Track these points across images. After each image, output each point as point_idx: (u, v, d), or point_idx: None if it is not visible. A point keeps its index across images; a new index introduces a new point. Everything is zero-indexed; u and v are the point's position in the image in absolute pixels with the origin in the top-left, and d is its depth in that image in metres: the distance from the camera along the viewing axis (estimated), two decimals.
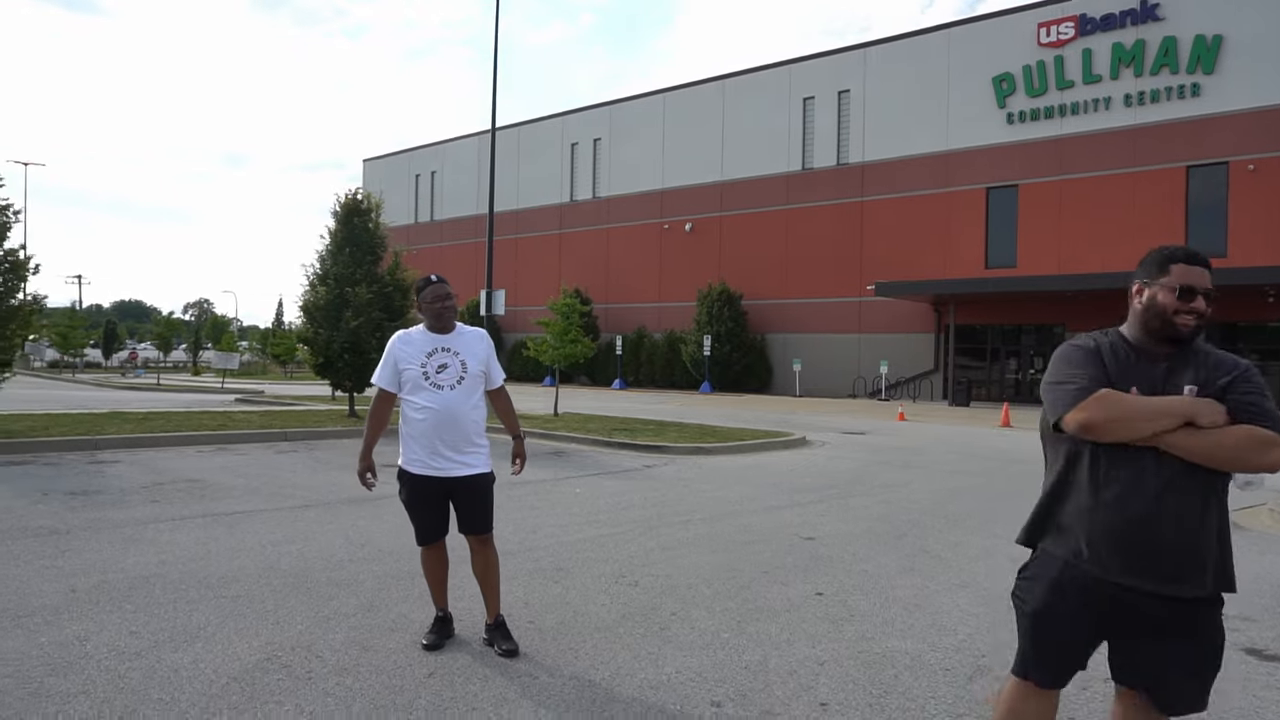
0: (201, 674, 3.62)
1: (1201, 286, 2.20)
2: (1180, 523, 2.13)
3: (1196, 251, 2.26)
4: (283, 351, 43.46)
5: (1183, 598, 2.17)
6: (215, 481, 8.83)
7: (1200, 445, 2.10)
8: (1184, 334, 2.19)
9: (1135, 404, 2.15)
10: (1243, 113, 24.23)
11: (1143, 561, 2.17)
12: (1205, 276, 2.22)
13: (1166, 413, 2.12)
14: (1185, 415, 2.11)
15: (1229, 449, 2.09)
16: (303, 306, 15.94)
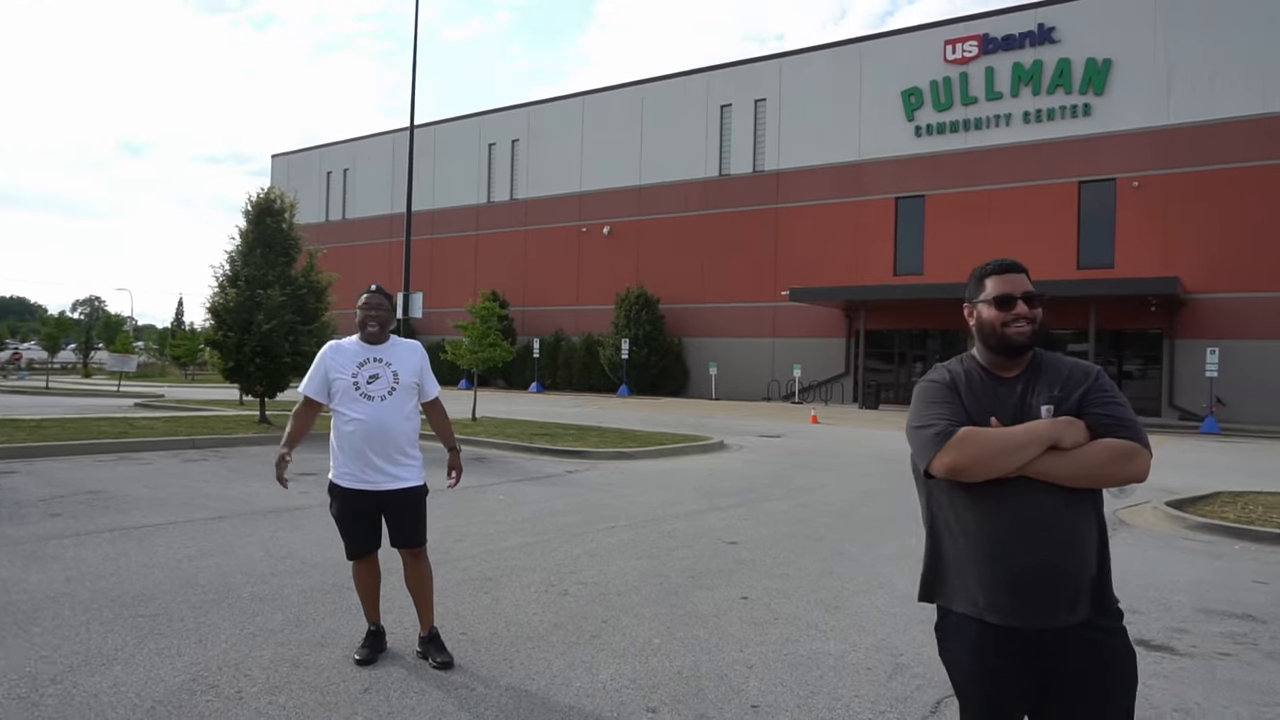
0: (124, 698, 3.52)
1: (1019, 291, 2.17)
2: (1073, 546, 2.06)
3: (1010, 261, 2.26)
4: (184, 353, 41.72)
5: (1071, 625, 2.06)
6: (120, 493, 8.47)
7: (1066, 468, 2.04)
8: (1019, 342, 2.15)
9: (999, 439, 2.07)
10: (1129, 133, 25.77)
11: (1031, 596, 2.06)
12: (1020, 281, 2.20)
13: (1031, 441, 2.05)
14: (1048, 440, 2.05)
15: (1094, 466, 2.03)
16: (211, 308, 15.38)
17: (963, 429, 2.11)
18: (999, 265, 2.25)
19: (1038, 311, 2.18)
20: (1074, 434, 2.05)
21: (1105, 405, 2.09)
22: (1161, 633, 4.85)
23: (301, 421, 4.18)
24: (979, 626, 2.12)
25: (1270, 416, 23.20)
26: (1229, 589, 5.92)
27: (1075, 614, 2.07)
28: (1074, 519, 2.08)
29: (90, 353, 60.59)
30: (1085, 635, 2.07)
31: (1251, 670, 4.28)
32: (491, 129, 40.69)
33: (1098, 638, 2.08)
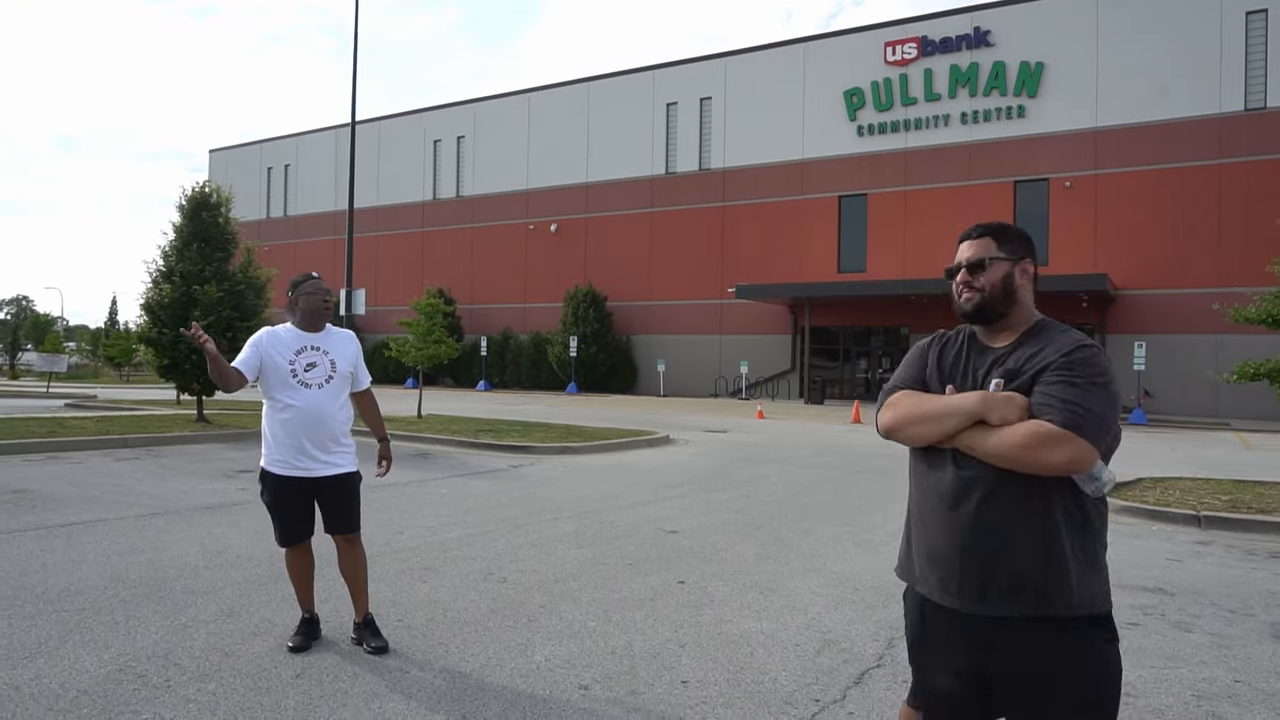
0: (46, 690, 3.46)
1: (962, 260, 2.12)
2: (996, 534, 1.94)
3: (972, 228, 2.18)
4: (118, 353, 40.45)
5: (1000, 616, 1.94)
6: (47, 491, 8.24)
7: (990, 445, 1.91)
8: (963, 310, 2.10)
9: (920, 405, 2.03)
10: (1060, 134, 26.62)
11: (953, 577, 1.99)
12: (963, 249, 2.14)
13: (953, 412, 1.97)
14: (972, 413, 1.94)
15: (1014, 447, 1.88)
16: (145, 305, 15.00)
17: (900, 391, 2.11)
18: (961, 235, 2.18)
19: (982, 279, 2.07)
20: (1005, 410, 1.91)
21: (1055, 384, 1.90)
22: None
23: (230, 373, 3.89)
24: (918, 597, 2.11)
25: (1195, 407, 24.18)
26: (1143, 566, 6.20)
27: (1011, 606, 1.93)
28: (1006, 502, 1.93)
29: (18, 354, 58.41)
30: (1032, 634, 1.92)
31: (1157, 638, 4.51)
32: (437, 125, 40.30)
33: (1049, 639, 1.91)
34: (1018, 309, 2.09)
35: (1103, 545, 1.98)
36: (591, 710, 3.41)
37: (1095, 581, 1.93)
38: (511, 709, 3.40)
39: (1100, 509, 1.98)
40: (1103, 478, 1.89)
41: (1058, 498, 1.91)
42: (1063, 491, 1.91)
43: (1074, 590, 1.89)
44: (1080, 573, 1.90)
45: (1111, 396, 1.91)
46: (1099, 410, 1.87)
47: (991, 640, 1.96)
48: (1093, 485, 1.89)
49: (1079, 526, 1.92)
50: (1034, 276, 2.13)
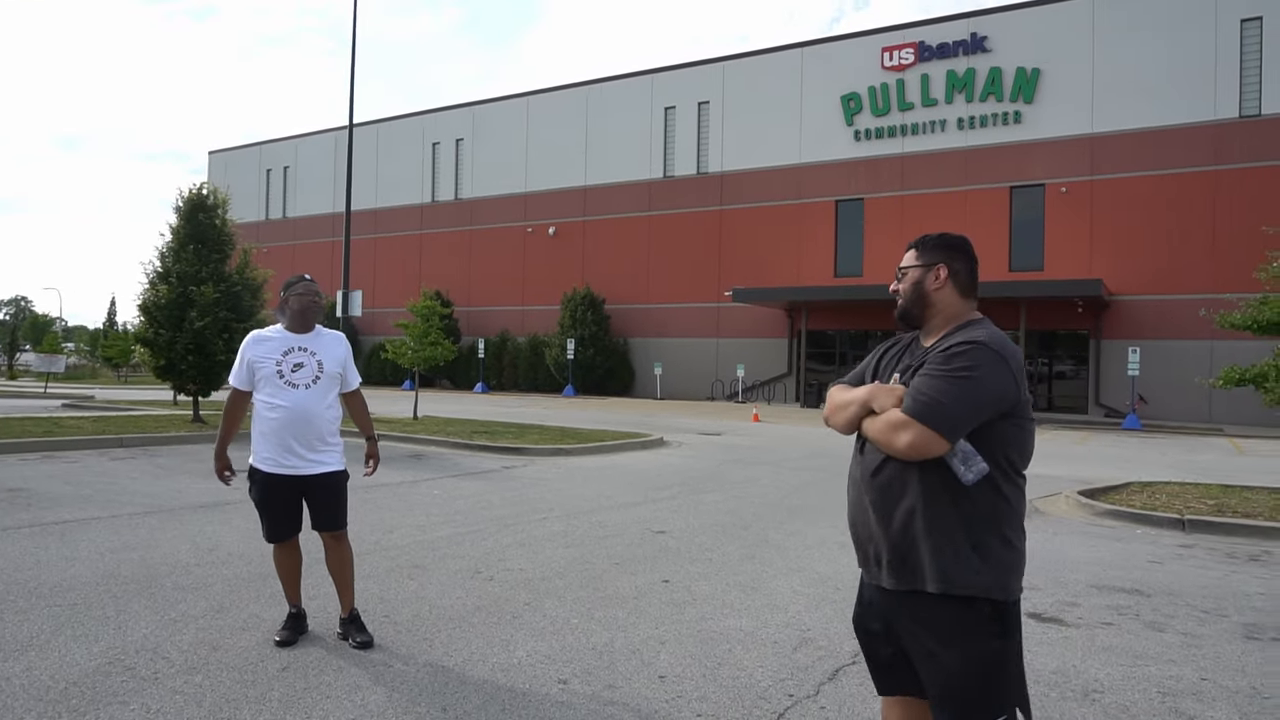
0: (36, 681, 3.54)
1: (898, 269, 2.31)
2: (875, 509, 2.16)
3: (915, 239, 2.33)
4: (116, 354, 40.47)
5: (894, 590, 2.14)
6: (42, 490, 8.32)
7: (870, 431, 2.15)
8: (896, 312, 2.30)
9: (835, 397, 2.28)
10: (1056, 140, 26.74)
11: (858, 551, 2.27)
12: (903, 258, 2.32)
13: (851, 402, 2.21)
14: (863, 402, 2.17)
15: (878, 432, 2.11)
16: (142, 306, 15.07)
17: (836, 385, 2.35)
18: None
19: (900, 286, 2.27)
20: (884, 399, 2.12)
21: (921, 375, 2.10)
22: (1053, 606, 5.16)
23: (233, 416, 4.27)
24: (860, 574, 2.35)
25: (1188, 413, 24.27)
26: (1124, 568, 6.28)
27: (888, 578, 2.14)
28: (886, 481, 2.14)
29: (15, 354, 58.46)
30: (909, 606, 2.11)
31: (1129, 637, 4.59)
32: (436, 128, 40.41)
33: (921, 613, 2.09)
34: (935, 311, 2.24)
35: (996, 534, 2.06)
36: (568, 704, 3.49)
37: (975, 567, 2.04)
38: (491, 702, 3.49)
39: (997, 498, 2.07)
40: (965, 465, 2.01)
41: (932, 483, 2.06)
42: (938, 478, 2.06)
43: (943, 570, 2.04)
44: (954, 555, 2.04)
45: (965, 389, 2.01)
46: (944, 400, 2.01)
47: (890, 611, 2.17)
48: (962, 473, 2.02)
49: (958, 512, 2.05)
50: (957, 278, 2.24)
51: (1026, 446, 2.13)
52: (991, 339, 2.08)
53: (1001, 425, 2.06)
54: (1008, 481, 2.09)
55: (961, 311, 2.24)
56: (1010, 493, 2.09)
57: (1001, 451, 2.07)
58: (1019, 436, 2.09)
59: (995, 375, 2.03)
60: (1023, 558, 2.14)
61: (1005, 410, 2.05)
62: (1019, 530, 2.13)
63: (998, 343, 2.08)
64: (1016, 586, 2.10)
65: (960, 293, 2.24)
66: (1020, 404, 2.08)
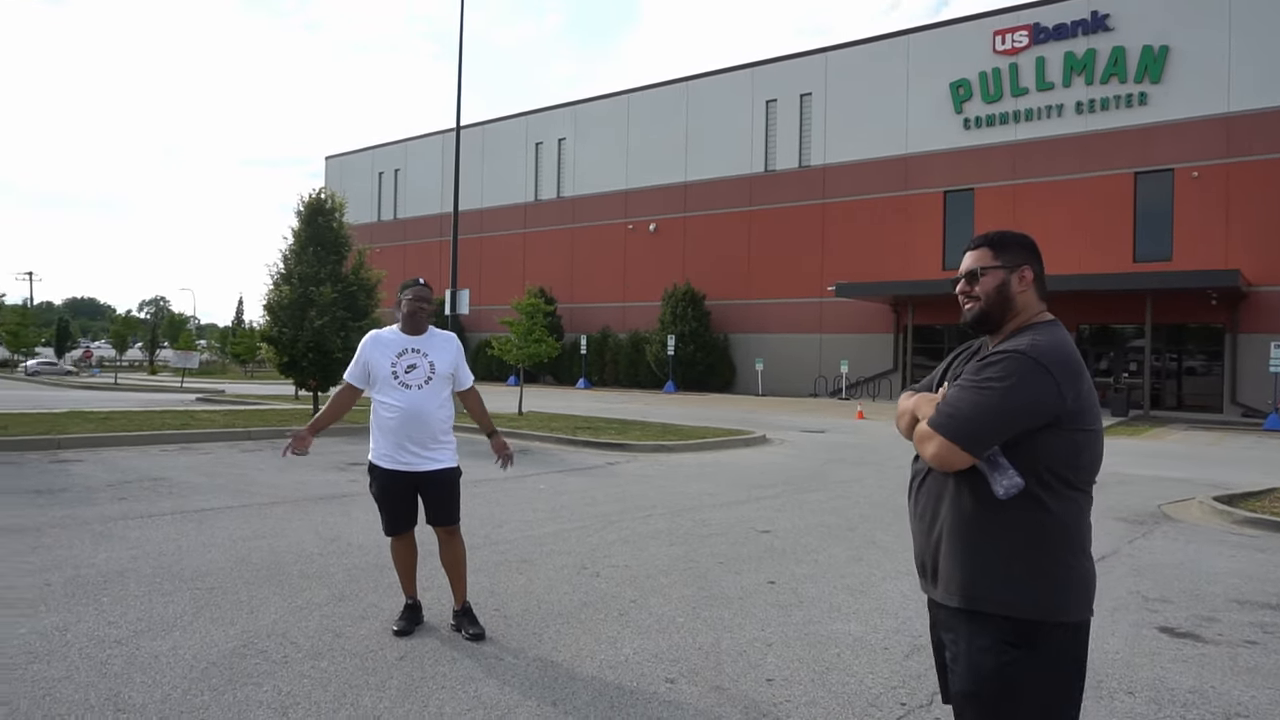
0: (181, 660, 3.79)
1: (962, 271, 2.20)
2: (920, 519, 2.14)
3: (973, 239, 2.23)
4: (243, 350, 43.01)
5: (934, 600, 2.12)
6: (181, 480, 8.90)
7: (914, 440, 2.11)
8: (966, 319, 2.18)
9: (900, 404, 2.25)
10: (1187, 121, 25.10)
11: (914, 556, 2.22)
12: (968, 259, 2.19)
13: (905, 411, 2.18)
14: (910, 412, 2.15)
15: (915, 442, 2.09)
16: (266, 305, 15.93)
17: (905, 392, 2.30)
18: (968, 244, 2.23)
19: (978, 289, 2.14)
20: (925, 409, 2.08)
21: (953, 385, 2.05)
22: (1189, 621, 4.85)
23: (335, 406, 4.40)
24: None
25: None
26: (1268, 581, 5.85)
27: (930, 588, 2.12)
28: (928, 490, 2.12)
29: (156, 350, 62.79)
30: (943, 616, 2.08)
31: (1278, 657, 4.27)
32: (539, 128, 41.16)
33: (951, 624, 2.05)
34: (1015, 314, 2.12)
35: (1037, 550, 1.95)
36: (676, 703, 3.50)
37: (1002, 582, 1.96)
38: (599, 698, 3.53)
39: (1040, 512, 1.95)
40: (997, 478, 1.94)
41: (968, 495, 2.00)
42: (973, 490, 1.99)
43: (970, 583, 1.99)
44: (982, 569, 1.97)
45: (989, 400, 1.93)
46: (963, 410, 1.95)
47: (937, 621, 2.15)
48: (995, 486, 1.95)
49: (988, 524, 1.97)
50: (1039, 281, 2.15)
51: (1080, 459, 1.97)
52: (1033, 347, 1.96)
53: (1045, 436, 1.93)
54: (1053, 495, 1.95)
55: (1037, 312, 2.13)
56: (1058, 507, 1.96)
57: (1045, 464, 1.94)
58: (1068, 448, 1.95)
59: (1028, 386, 1.91)
60: (1077, 576, 1.98)
61: (1046, 421, 1.93)
62: (1072, 546, 1.98)
63: (1040, 350, 1.95)
64: (1069, 608, 1.96)
65: (1040, 295, 2.15)
66: (1068, 414, 1.93)
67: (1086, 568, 2.00)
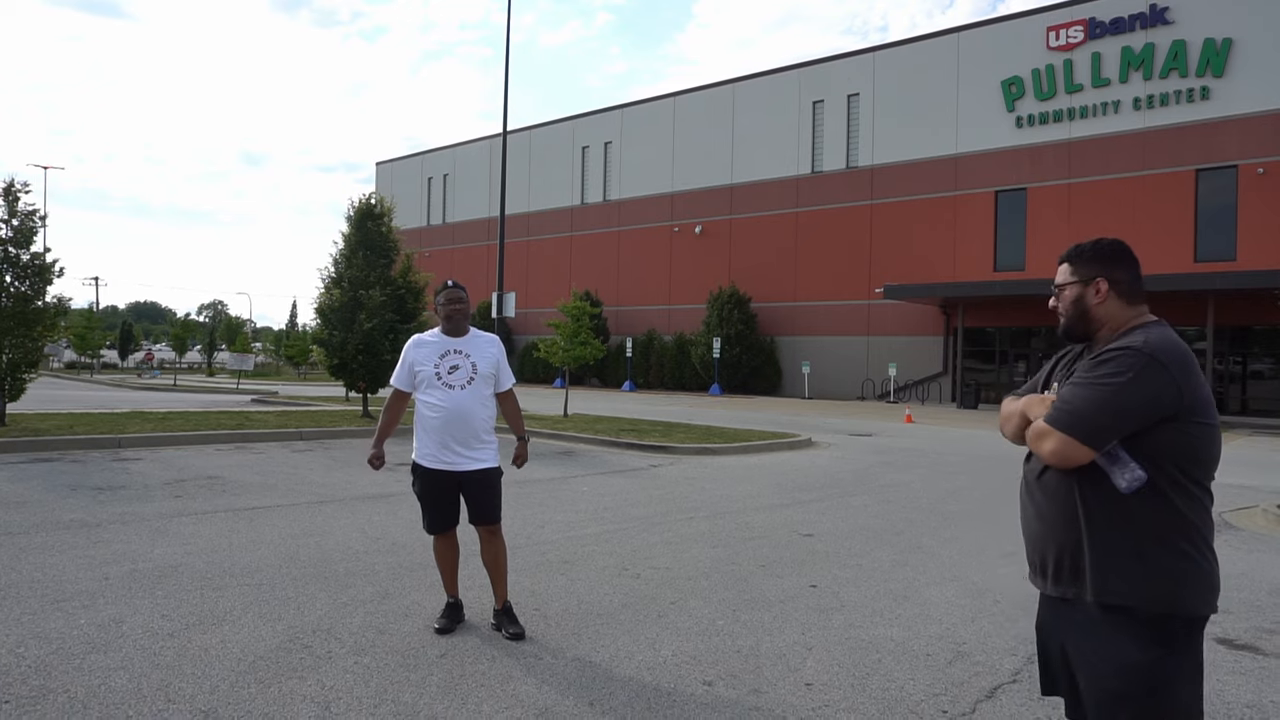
0: (230, 653, 3.89)
1: (1054, 284, 2.24)
2: (1040, 518, 2.15)
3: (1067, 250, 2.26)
4: (296, 353, 43.94)
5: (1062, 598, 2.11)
6: (234, 478, 9.13)
7: (1028, 439, 2.14)
8: (1060, 330, 2.24)
9: (1005, 407, 2.27)
10: (1252, 116, 24.26)
11: (1029, 555, 2.22)
12: (1057, 272, 2.25)
13: (1014, 413, 2.20)
14: (1020, 413, 2.17)
15: (1030, 441, 2.12)
16: (317, 309, 16.27)
17: (1009, 396, 2.33)
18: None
19: (1058, 303, 2.22)
20: (1037, 409, 2.11)
21: (1069, 384, 2.08)
22: (1248, 632, 4.69)
23: (392, 414, 4.53)
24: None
25: None
26: None
27: (1049, 586, 2.13)
28: (1049, 488, 2.12)
29: (214, 353, 64.46)
30: (1073, 614, 2.08)
31: None
32: (585, 132, 41.37)
33: (1083, 621, 2.06)
34: (1099, 324, 2.16)
35: (1163, 544, 1.97)
36: (713, 705, 3.49)
37: (1139, 576, 1.97)
38: (637, 699, 3.53)
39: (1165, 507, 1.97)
40: (1120, 473, 1.96)
41: (1090, 491, 2.03)
42: (1096, 486, 2.01)
43: (1103, 579, 2.01)
44: (1114, 564, 2.00)
45: (1106, 396, 1.96)
46: (1081, 407, 1.98)
47: (1055, 618, 2.15)
48: (1118, 481, 1.97)
49: (1118, 520, 1.99)
50: (1119, 288, 2.15)
51: (1201, 453, 2.00)
52: (1147, 343, 1.99)
53: (1165, 431, 1.96)
54: (1178, 490, 1.98)
55: (1129, 318, 2.15)
56: (1183, 502, 1.98)
57: (1168, 459, 1.97)
58: (1189, 443, 1.98)
59: (1145, 381, 1.94)
60: (1204, 571, 2.01)
61: (1165, 416, 1.95)
62: (1197, 542, 2.00)
63: (1154, 346, 1.98)
64: (1196, 602, 1.99)
65: (1126, 301, 2.15)
66: (1187, 409, 1.96)
67: (1214, 563, 2.04)
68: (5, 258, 11.73)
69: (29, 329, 11.80)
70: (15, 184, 11.89)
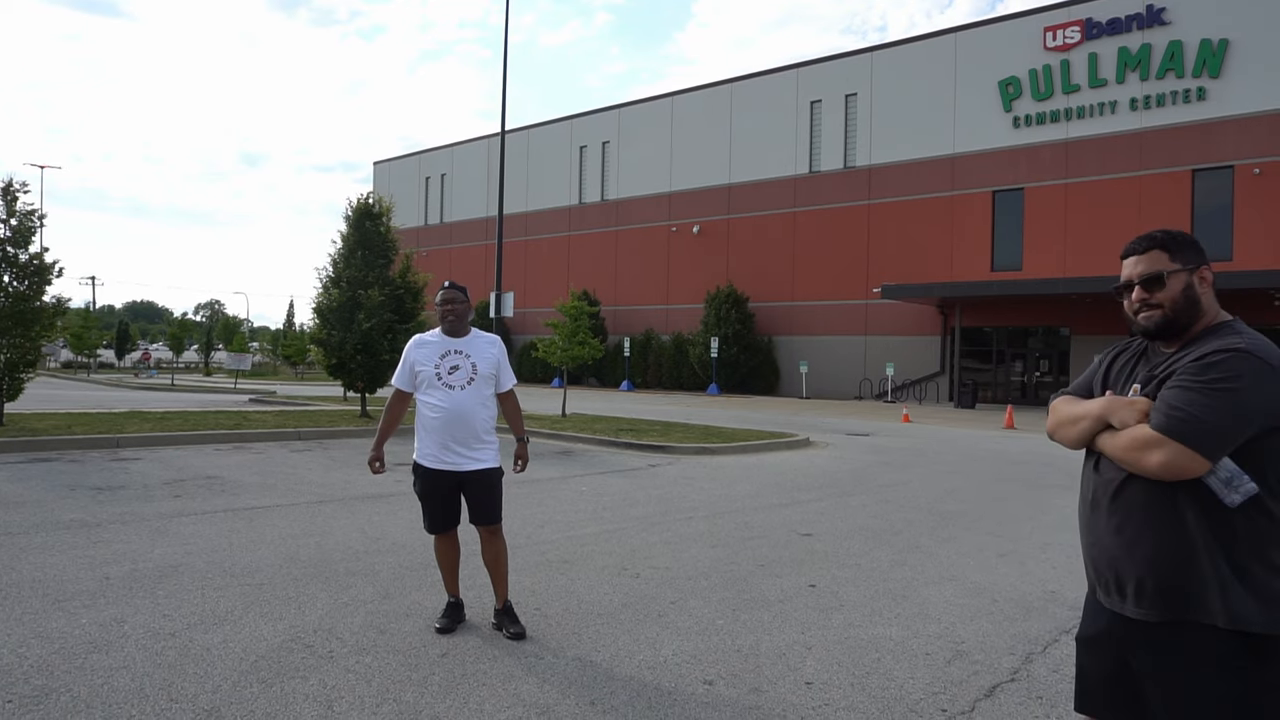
0: (231, 653, 3.91)
1: (1135, 277, 2.07)
2: (1119, 533, 1.99)
3: (1134, 241, 2.13)
4: (294, 353, 43.91)
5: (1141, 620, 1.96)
6: (233, 478, 9.14)
7: (1111, 447, 1.98)
8: (1147, 328, 2.06)
9: (1063, 410, 2.13)
10: (1249, 116, 24.33)
11: (1094, 575, 2.08)
12: (1131, 264, 2.10)
13: (1082, 416, 2.06)
14: (1098, 417, 2.02)
15: (1122, 449, 1.95)
16: (316, 308, 16.26)
17: (1062, 396, 2.22)
18: (1125, 248, 2.14)
19: (1161, 295, 2.02)
20: (1125, 414, 1.96)
21: (1171, 388, 1.91)
22: None
23: (393, 414, 4.54)
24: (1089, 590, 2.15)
25: None
26: None
27: (1129, 603, 1.97)
28: (1132, 506, 1.96)
29: (211, 352, 64.43)
30: (1160, 637, 1.93)
31: None
32: (583, 131, 41.37)
33: (1174, 644, 1.91)
34: (1199, 316, 2.03)
35: (1264, 561, 1.85)
36: (714, 705, 3.51)
37: (1245, 597, 1.84)
38: (637, 699, 3.55)
39: (1267, 520, 1.85)
40: (1229, 486, 1.83)
41: (1188, 504, 1.88)
42: (1195, 498, 1.87)
43: (1203, 600, 1.86)
44: (1217, 584, 1.85)
45: (1225, 402, 1.82)
46: (1201, 415, 1.83)
47: (1129, 639, 1.98)
48: (1225, 494, 1.84)
49: (1219, 535, 1.86)
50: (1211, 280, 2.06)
51: None
52: (1254, 345, 1.88)
53: (1271, 440, 1.85)
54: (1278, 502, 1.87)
55: (1218, 311, 2.05)
56: None
57: (1272, 469, 1.86)
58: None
59: (1261, 386, 1.83)
60: None
61: (1276, 423, 1.84)
62: None
63: (1263, 349, 1.88)
64: None
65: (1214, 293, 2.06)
66: None
67: None
68: (4, 258, 11.73)
69: (27, 329, 11.79)
70: (14, 183, 11.89)
